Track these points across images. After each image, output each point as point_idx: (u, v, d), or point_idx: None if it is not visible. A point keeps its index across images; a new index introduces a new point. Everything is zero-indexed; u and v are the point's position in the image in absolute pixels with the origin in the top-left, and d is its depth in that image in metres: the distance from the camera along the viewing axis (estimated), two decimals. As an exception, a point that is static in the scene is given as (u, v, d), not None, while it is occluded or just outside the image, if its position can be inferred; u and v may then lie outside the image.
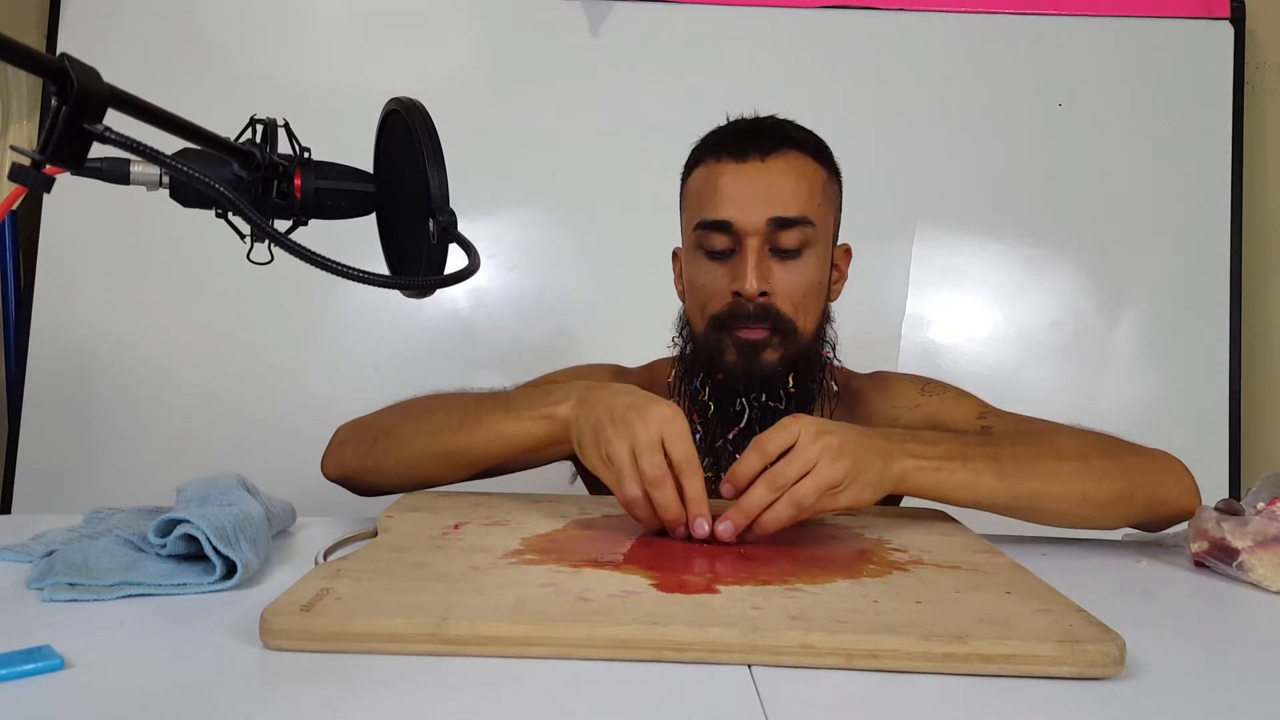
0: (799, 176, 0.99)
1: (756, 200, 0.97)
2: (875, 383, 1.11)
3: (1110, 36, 1.85)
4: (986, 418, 1.00)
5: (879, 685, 0.51)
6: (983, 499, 0.82)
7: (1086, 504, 0.83)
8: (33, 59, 0.51)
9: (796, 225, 0.97)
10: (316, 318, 1.81)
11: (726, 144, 1.00)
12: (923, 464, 0.80)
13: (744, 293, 0.96)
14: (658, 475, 0.74)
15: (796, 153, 1.00)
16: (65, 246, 1.78)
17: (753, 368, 0.98)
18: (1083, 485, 0.83)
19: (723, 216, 0.98)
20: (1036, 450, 0.84)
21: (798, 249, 0.98)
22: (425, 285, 0.73)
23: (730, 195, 0.98)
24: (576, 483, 1.18)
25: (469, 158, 1.01)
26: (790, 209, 0.97)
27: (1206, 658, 0.61)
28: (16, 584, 0.64)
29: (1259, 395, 1.87)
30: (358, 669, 0.51)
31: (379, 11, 1.84)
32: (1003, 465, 0.82)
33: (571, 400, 0.83)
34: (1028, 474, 0.82)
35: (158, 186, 0.65)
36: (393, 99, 0.75)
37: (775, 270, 0.98)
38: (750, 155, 0.98)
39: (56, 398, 1.77)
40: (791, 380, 1.00)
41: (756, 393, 0.99)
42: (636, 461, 0.74)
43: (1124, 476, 0.85)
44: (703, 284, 1.01)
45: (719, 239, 0.99)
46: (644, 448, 0.74)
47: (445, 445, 0.90)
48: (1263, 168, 1.90)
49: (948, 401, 1.04)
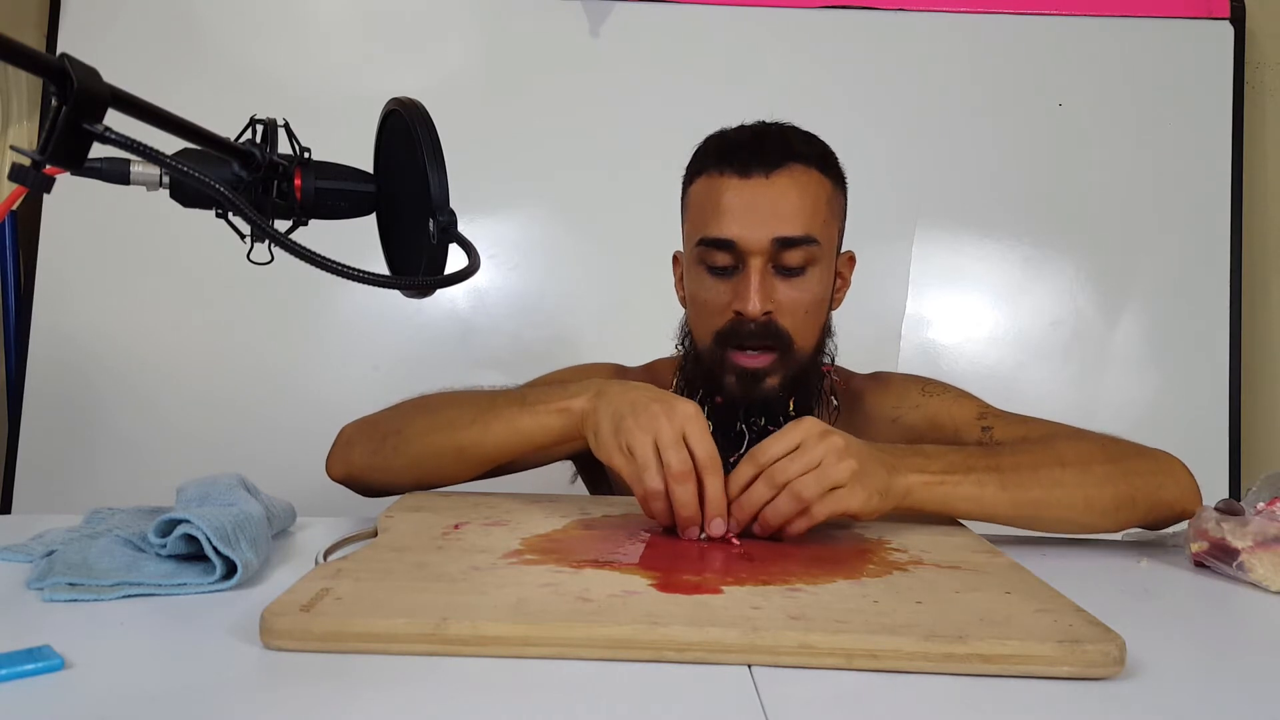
0: (803, 193, 0.97)
1: (760, 219, 0.95)
2: (875, 382, 1.10)
3: (1110, 36, 1.85)
4: (987, 418, 1.00)
5: (879, 685, 0.51)
6: (987, 511, 0.82)
7: (1089, 510, 0.84)
8: (33, 59, 0.51)
9: (800, 245, 0.96)
10: (316, 318, 1.81)
11: (729, 157, 0.98)
12: (927, 478, 0.80)
13: (746, 313, 0.96)
14: (683, 470, 0.74)
15: (801, 166, 0.98)
16: (65, 246, 1.78)
17: (753, 394, 0.98)
18: (1085, 492, 0.83)
19: (726, 235, 0.96)
20: (1038, 459, 0.84)
21: (801, 267, 0.97)
22: (425, 285, 0.73)
23: (734, 213, 0.96)
24: (577, 482, 1.18)
25: (469, 158, 1.01)
26: (795, 228, 0.96)
27: (1206, 658, 0.61)
28: (16, 584, 0.64)
29: (1259, 395, 1.87)
30: (358, 669, 0.51)
31: (379, 12, 1.84)
32: (1005, 476, 0.82)
33: (588, 394, 0.83)
34: (1030, 483, 0.82)
35: (158, 186, 0.65)
36: (393, 99, 0.75)
37: (779, 288, 0.97)
38: (754, 171, 0.96)
39: (56, 398, 1.76)
40: (792, 405, 1.00)
41: (756, 417, 0.99)
42: (660, 455, 0.74)
43: (1126, 480, 0.85)
44: (705, 300, 1.00)
45: (722, 257, 0.97)
46: (669, 442, 0.74)
47: (458, 441, 0.89)
48: (1263, 168, 1.90)
49: (948, 402, 1.04)
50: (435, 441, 0.90)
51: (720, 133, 1.03)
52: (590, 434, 0.81)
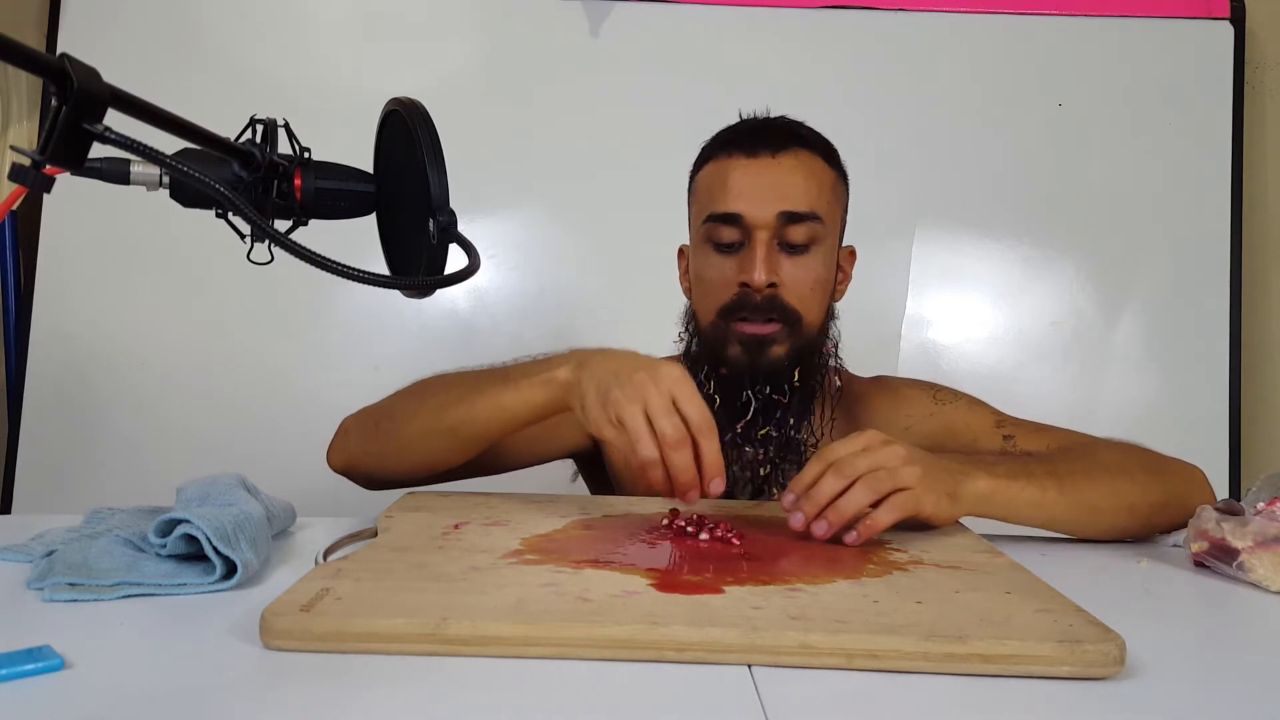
0: (809, 174, 1.00)
1: (766, 194, 0.98)
2: (880, 388, 1.10)
3: (1110, 36, 1.85)
4: (1005, 426, 1.01)
5: (879, 685, 0.51)
6: (1048, 514, 0.83)
7: (1134, 516, 0.86)
8: (33, 59, 0.51)
9: (805, 220, 0.98)
10: (316, 318, 1.81)
11: (737, 140, 1.01)
12: (996, 483, 0.81)
13: (752, 284, 0.97)
14: (678, 437, 0.73)
15: (807, 151, 1.01)
16: (65, 246, 1.78)
17: (758, 362, 0.98)
18: (1130, 499, 0.86)
19: (733, 209, 0.98)
20: (1089, 465, 0.86)
21: (806, 244, 0.99)
22: (425, 285, 0.73)
23: (740, 189, 0.98)
24: (577, 481, 1.18)
25: (469, 158, 1.01)
26: (800, 204, 0.98)
27: (1206, 658, 0.61)
28: (16, 584, 0.64)
29: (1259, 395, 1.87)
30: (358, 669, 0.51)
31: (379, 12, 1.84)
32: (1064, 481, 0.83)
33: (570, 364, 0.83)
34: (1086, 488, 0.84)
35: (158, 186, 0.65)
36: (393, 99, 0.75)
37: (783, 264, 0.99)
38: (761, 151, 0.99)
39: (56, 398, 1.76)
40: (797, 375, 1.00)
41: (761, 386, 0.99)
42: (652, 424, 0.74)
43: (1163, 488, 0.87)
44: (710, 276, 1.01)
45: (728, 232, 0.99)
46: (659, 410, 0.74)
47: (447, 421, 0.89)
48: (1263, 168, 1.90)
49: (962, 409, 1.04)
50: (426, 423, 0.90)
51: (728, 126, 1.06)
52: (577, 406, 0.81)
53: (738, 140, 1.01)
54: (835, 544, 0.75)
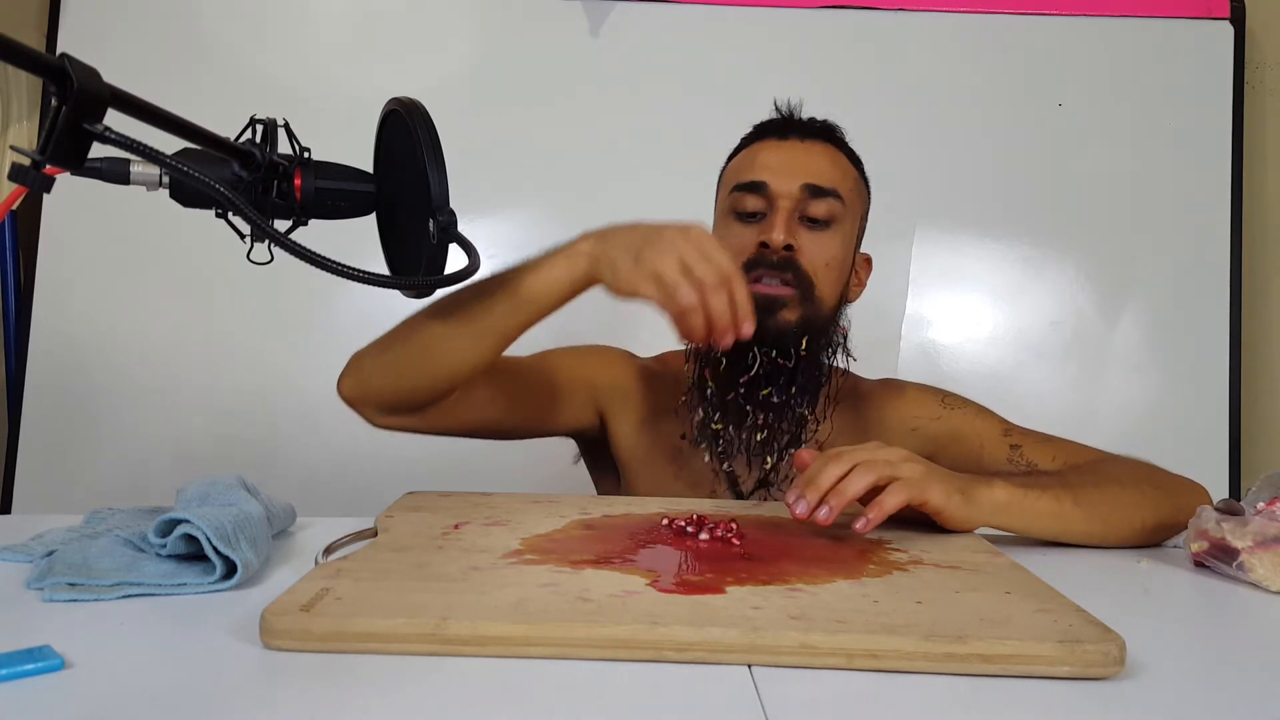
0: (834, 160, 1.04)
1: (792, 168, 1.01)
2: (887, 389, 1.10)
3: (1110, 36, 1.85)
4: (1012, 435, 1.02)
5: (879, 685, 0.51)
6: (1065, 525, 0.84)
7: (1143, 529, 0.86)
8: (33, 59, 0.51)
9: (828, 196, 1.01)
10: (316, 318, 1.81)
11: (771, 128, 1.06)
12: (1015, 492, 0.82)
13: (771, 243, 0.99)
14: (717, 280, 0.78)
15: (834, 146, 1.06)
16: (65, 246, 1.78)
17: (767, 323, 0.97)
18: (1141, 514, 0.86)
19: (758, 178, 1.01)
20: (1100, 479, 0.87)
21: (826, 220, 1.01)
22: (425, 285, 0.73)
23: (767, 163, 1.03)
24: (579, 471, 1.17)
25: (469, 158, 1.01)
26: (824, 179, 1.01)
27: (1206, 658, 0.61)
28: (16, 584, 0.64)
29: (1259, 395, 1.87)
30: (358, 669, 0.51)
31: (379, 12, 1.84)
32: (1078, 494, 0.84)
33: (590, 239, 0.87)
34: (1099, 501, 0.85)
35: (158, 186, 0.65)
36: (393, 99, 0.75)
37: (803, 233, 1.01)
38: (791, 135, 1.05)
39: (56, 398, 1.76)
40: (805, 343, 1.00)
41: (768, 349, 0.99)
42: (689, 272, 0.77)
43: (1170, 502, 0.88)
44: (730, 243, 1.02)
45: (752, 200, 1.02)
46: (696, 258, 0.78)
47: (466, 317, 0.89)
48: (1263, 168, 1.90)
49: (970, 416, 1.05)
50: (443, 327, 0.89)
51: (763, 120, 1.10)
52: (607, 272, 0.83)
53: (772, 128, 1.06)
54: (835, 543, 0.75)
